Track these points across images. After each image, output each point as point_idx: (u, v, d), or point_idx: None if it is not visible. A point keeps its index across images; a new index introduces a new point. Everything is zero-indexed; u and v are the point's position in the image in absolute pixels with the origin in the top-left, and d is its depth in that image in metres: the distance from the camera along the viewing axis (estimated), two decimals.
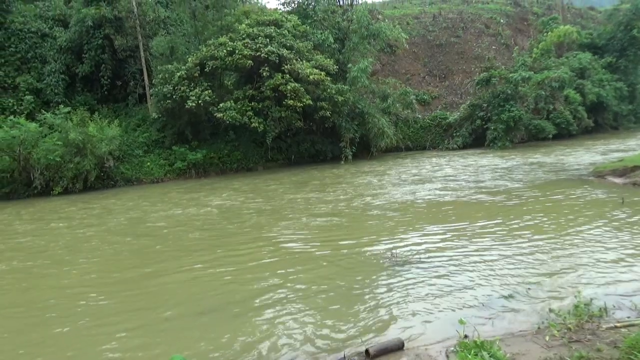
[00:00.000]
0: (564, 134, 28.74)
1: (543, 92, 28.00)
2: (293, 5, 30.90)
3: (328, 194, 15.56)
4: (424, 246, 8.56)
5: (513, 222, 9.89)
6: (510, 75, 27.87)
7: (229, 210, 13.97)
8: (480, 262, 7.42)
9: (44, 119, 21.76)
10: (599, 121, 31.81)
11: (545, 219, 10.01)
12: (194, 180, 23.54)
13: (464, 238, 8.92)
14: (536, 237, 8.64)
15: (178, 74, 23.60)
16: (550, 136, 27.82)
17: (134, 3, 27.51)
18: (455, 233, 9.36)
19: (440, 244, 8.63)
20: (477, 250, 8.06)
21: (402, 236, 9.46)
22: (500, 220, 10.08)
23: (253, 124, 23.25)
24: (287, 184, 18.92)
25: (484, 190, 14.00)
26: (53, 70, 27.13)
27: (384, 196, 14.24)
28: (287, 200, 15.00)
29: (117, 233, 11.89)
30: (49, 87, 26.80)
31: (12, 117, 22.21)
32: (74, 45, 27.61)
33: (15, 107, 25.48)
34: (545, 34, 31.86)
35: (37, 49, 27.82)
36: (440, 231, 9.59)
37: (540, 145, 26.22)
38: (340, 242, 9.33)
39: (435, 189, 14.90)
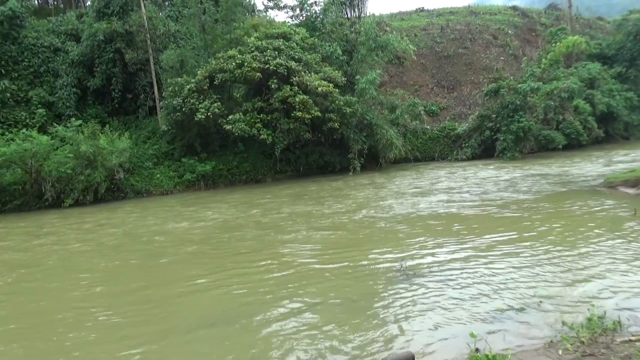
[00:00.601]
0: (574, 145, 28.51)
1: (552, 103, 27.85)
2: (301, 18, 31.20)
3: (336, 205, 15.54)
4: (433, 258, 8.50)
5: (524, 234, 9.79)
6: (519, 85, 27.78)
7: (236, 223, 13.98)
8: (490, 275, 7.34)
9: (56, 131, 22.02)
10: (609, 131, 31.53)
11: (556, 230, 9.91)
12: (203, 191, 23.65)
13: (473, 250, 8.85)
14: (547, 249, 8.54)
15: (187, 86, 23.84)
16: (561, 146, 27.61)
17: (144, 17, 27.92)
18: (464, 245, 9.29)
19: (450, 256, 8.56)
20: (487, 263, 7.98)
21: (411, 248, 9.40)
22: (511, 232, 9.99)
23: (262, 135, 23.36)
24: (295, 196, 18.92)
25: (493, 201, 13.91)
26: (65, 83, 27.55)
27: (392, 208, 14.18)
28: (295, 212, 15.00)
29: (121, 246, 11.95)
30: (60, 101, 27.19)
31: (24, 130, 22.58)
32: (85, 59, 28.05)
33: (27, 120, 25.83)
34: (553, 45, 31.78)
35: (49, 63, 28.29)
36: (449, 243, 9.52)
37: (551, 156, 26.03)
38: (349, 255, 9.27)
39: (444, 200, 14.83)
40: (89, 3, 39.04)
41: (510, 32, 41.83)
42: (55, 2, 46.31)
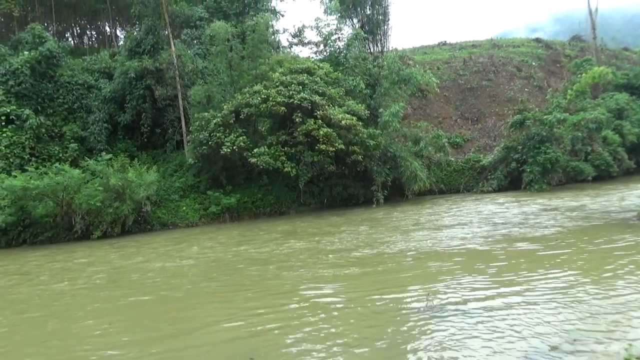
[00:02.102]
0: (604, 176, 27.83)
1: (580, 134, 27.42)
2: (325, 53, 31.89)
3: (357, 239, 15.43)
4: (461, 293, 8.30)
5: (556, 269, 9.48)
6: (545, 117, 27.50)
7: (259, 256, 13.98)
8: (522, 312, 7.10)
9: (87, 165, 22.72)
10: None
11: (590, 265, 9.58)
12: (227, 224, 23.82)
13: (504, 286, 8.60)
14: (581, 285, 8.24)
15: (214, 121, 24.39)
16: (590, 178, 26.99)
17: (174, 55, 28.96)
18: (493, 280, 9.06)
19: (479, 292, 8.33)
20: (518, 299, 7.73)
21: (438, 284, 9.20)
22: (542, 267, 9.70)
23: (286, 168, 23.57)
24: (320, 228, 18.87)
25: (522, 235, 13.57)
26: (97, 119, 28.59)
27: (416, 241, 13.99)
28: (318, 246, 14.93)
29: (146, 282, 12.04)
30: (92, 135, 28.16)
31: (57, 164, 23.36)
32: (117, 96, 29.13)
33: (60, 155, 26.79)
34: (579, 76, 31.49)
35: (83, 99, 29.50)
36: (478, 279, 9.29)
37: (580, 188, 25.41)
38: (375, 290, 9.13)
39: (471, 234, 14.55)
40: (121, 42, 40.86)
41: (534, 63, 41.72)
42: (90, 42, 48.59)
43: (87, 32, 49.89)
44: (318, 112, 24.20)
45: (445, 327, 6.71)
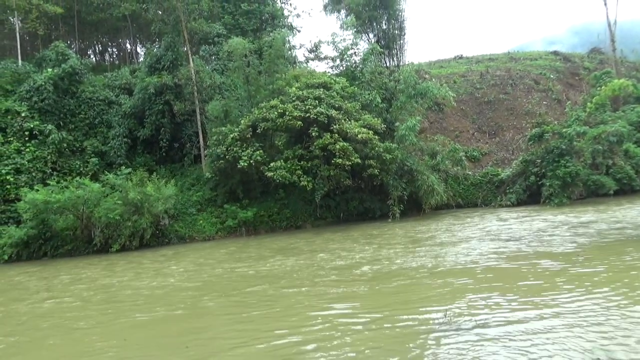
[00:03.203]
0: (626, 190, 27.29)
1: (600, 147, 27.00)
2: (341, 68, 32.06)
3: (376, 253, 15.32)
4: (482, 312, 8.14)
5: (580, 287, 9.25)
6: (564, 130, 27.16)
7: (279, 271, 13.97)
8: (544, 331, 6.94)
9: (107, 179, 23.09)
10: None
11: (617, 284, 9.30)
12: (244, 238, 23.89)
13: (526, 303, 8.41)
14: (607, 303, 8.03)
15: (231, 135, 24.63)
16: (612, 192, 26.49)
17: (192, 71, 29.45)
18: (515, 297, 8.90)
19: (501, 311, 8.17)
20: (540, 317, 7.56)
21: (458, 301, 9.06)
22: (565, 285, 9.48)
23: (302, 182, 23.62)
24: (338, 242, 18.80)
25: (546, 251, 13.31)
26: (117, 134, 29.15)
27: (435, 257, 13.84)
28: (334, 261, 14.86)
29: (153, 298, 12.09)
30: (112, 150, 28.69)
31: (78, 178, 23.82)
32: (137, 111, 29.68)
33: (81, 169, 27.33)
34: (598, 88, 31.09)
35: (103, 115, 30.17)
36: (499, 296, 9.12)
37: (601, 202, 24.93)
38: (393, 305, 9.04)
39: (492, 249, 14.34)
40: (142, 59, 41.76)
41: (552, 76, 41.34)
42: (112, 59, 49.75)
43: (109, 49, 51.20)
44: (334, 126, 24.27)
45: (468, 343, 6.59)
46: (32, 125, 26.82)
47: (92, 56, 47.59)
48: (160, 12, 32.17)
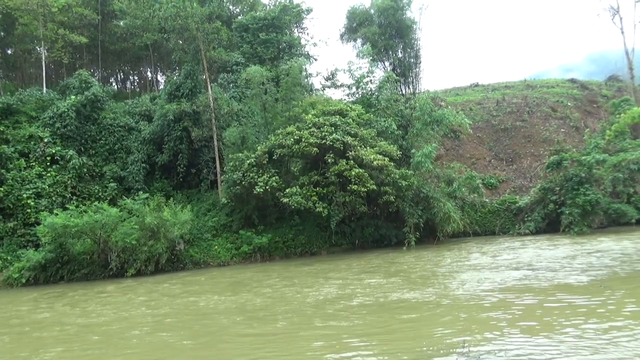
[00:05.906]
0: None
1: (621, 175, 26.55)
2: (357, 95, 32.34)
3: (389, 282, 15.11)
4: (498, 344, 7.93)
5: (601, 320, 8.98)
6: (583, 157, 26.79)
7: (291, 297, 13.85)
8: None
9: (124, 204, 23.35)
10: None
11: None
12: (259, 264, 23.79)
13: (544, 339, 8.13)
14: (633, 341, 7.72)
15: (248, 161, 24.83)
16: (634, 221, 25.89)
17: (210, 99, 30.01)
18: (533, 330, 8.65)
19: (519, 348, 7.91)
20: (559, 353, 7.33)
21: (476, 334, 8.84)
22: (583, 318, 9.20)
23: (317, 208, 23.58)
24: (352, 270, 18.60)
25: (563, 283, 12.95)
26: (136, 159, 29.66)
27: (450, 287, 13.59)
28: (346, 289, 14.70)
29: (168, 325, 12.05)
30: (131, 175, 29.15)
31: (96, 202, 24.14)
32: (155, 137, 30.23)
33: (100, 194, 27.77)
34: (617, 116, 30.77)
35: (123, 140, 30.78)
36: (516, 330, 8.88)
37: (622, 231, 24.34)
38: (408, 336, 8.87)
39: (510, 280, 14.01)
40: (162, 87, 42.75)
41: (569, 104, 41.08)
42: (133, 87, 51.02)
43: (130, 77, 52.58)
44: (350, 153, 24.33)
45: None
46: (53, 151, 27.45)
47: (114, 84, 48.85)
48: (180, 42, 33.05)
